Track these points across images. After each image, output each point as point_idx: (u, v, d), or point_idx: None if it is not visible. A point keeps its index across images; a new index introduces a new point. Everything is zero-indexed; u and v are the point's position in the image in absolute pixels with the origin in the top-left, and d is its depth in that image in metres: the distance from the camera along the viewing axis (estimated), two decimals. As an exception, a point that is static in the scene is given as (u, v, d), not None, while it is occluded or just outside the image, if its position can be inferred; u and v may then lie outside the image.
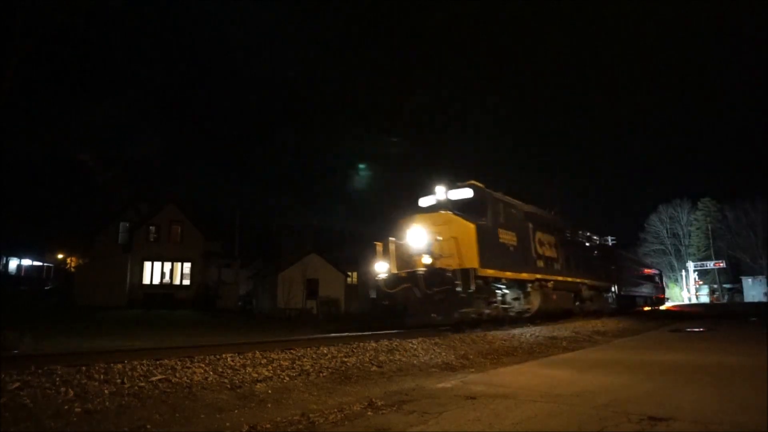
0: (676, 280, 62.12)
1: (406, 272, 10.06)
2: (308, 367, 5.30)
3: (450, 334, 8.88)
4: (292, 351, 6.00)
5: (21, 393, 3.54)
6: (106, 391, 3.79)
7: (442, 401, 3.82)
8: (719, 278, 59.13)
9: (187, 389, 4.11)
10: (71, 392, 3.67)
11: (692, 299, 56.71)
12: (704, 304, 47.62)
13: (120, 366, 4.44)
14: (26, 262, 45.48)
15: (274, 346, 6.25)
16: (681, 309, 32.88)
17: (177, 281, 31.08)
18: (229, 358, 5.21)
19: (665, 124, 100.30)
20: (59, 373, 4.05)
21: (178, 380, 4.29)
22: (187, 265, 31.16)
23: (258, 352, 5.70)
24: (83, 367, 4.26)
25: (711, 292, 59.16)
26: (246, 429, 3.15)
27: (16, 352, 6.32)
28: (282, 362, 5.37)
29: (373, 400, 3.88)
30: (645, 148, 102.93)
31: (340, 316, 26.71)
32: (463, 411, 3.46)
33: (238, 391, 4.24)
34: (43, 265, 45.89)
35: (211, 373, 4.60)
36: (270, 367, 5.09)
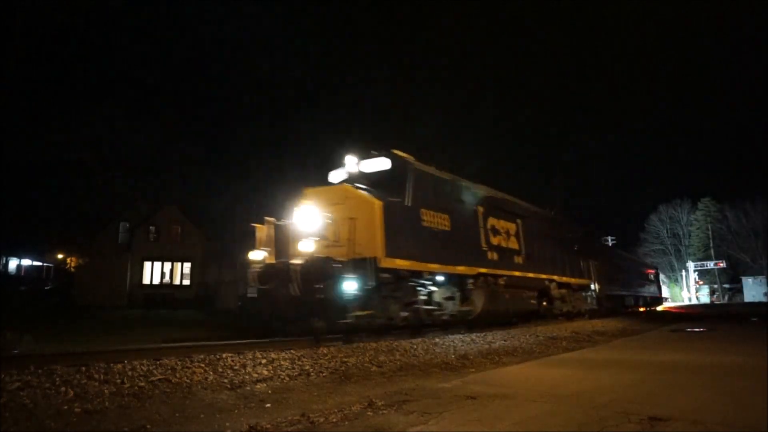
0: (676, 280, 62.16)
1: (282, 263, 7.82)
2: (308, 367, 5.30)
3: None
4: (292, 351, 6.01)
5: (21, 393, 3.55)
6: (106, 391, 3.79)
7: (442, 401, 3.82)
8: (719, 278, 59.17)
9: (187, 389, 4.11)
10: (71, 392, 3.67)
11: (692, 299, 56.71)
12: (704, 305, 46.81)
13: (120, 366, 4.45)
14: (26, 262, 45.46)
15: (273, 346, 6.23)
16: (679, 310, 31.74)
17: (177, 281, 31.09)
18: (229, 359, 5.21)
19: (665, 124, 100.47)
20: (59, 373, 4.06)
21: (178, 380, 4.29)
22: (187, 265, 31.18)
23: (258, 352, 5.70)
24: (83, 367, 4.27)
25: (711, 293, 59.13)
26: (246, 429, 3.15)
27: (16, 352, 6.32)
28: (282, 362, 5.37)
29: (373, 399, 3.88)
30: (645, 148, 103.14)
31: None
32: (463, 411, 3.46)
33: (238, 391, 4.24)
34: (43, 265, 45.85)
35: (211, 373, 4.61)
36: (270, 367, 5.10)
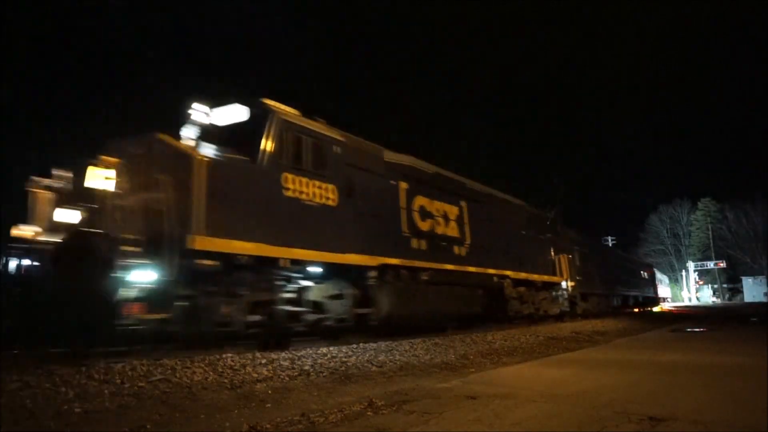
0: (676, 280, 62.16)
1: (42, 239, 5.82)
2: (308, 367, 5.30)
3: None
4: (292, 351, 6.01)
5: (21, 393, 3.55)
6: (106, 391, 3.79)
7: (442, 401, 3.82)
8: (719, 278, 59.19)
9: (187, 389, 4.11)
10: (71, 392, 3.67)
11: (692, 300, 56.65)
12: (705, 306, 43.57)
13: (120, 366, 4.45)
14: (26, 262, 45.41)
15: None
16: (676, 311, 29.82)
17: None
18: (229, 359, 5.21)
19: (665, 124, 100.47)
20: (59, 373, 4.05)
21: (178, 380, 4.29)
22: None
23: (258, 352, 5.71)
24: (83, 367, 4.26)
25: (713, 293, 58.99)
26: (246, 429, 3.14)
27: (15, 352, 6.31)
28: (282, 362, 5.37)
29: (373, 399, 3.87)
30: (645, 148, 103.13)
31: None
32: (463, 411, 3.46)
33: (238, 391, 4.24)
34: (43, 265, 45.79)
35: (211, 373, 4.61)
36: (270, 367, 5.09)
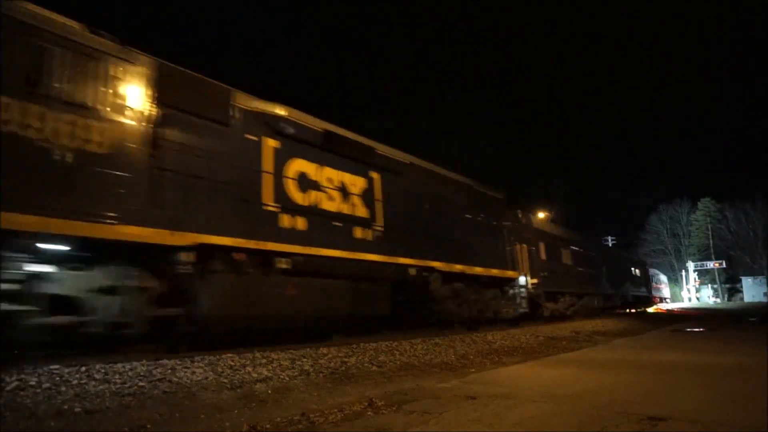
0: (676, 281, 62.14)
1: None
2: (308, 367, 5.30)
3: None
4: (292, 351, 6.01)
5: (21, 393, 3.55)
6: (106, 391, 3.79)
7: (442, 401, 3.82)
8: (719, 278, 59.18)
9: (187, 389, 4.11)
10: (71, 392, 3.67)
11: (692, 300, 56.61)
12: (705, 307, 41.46)
13: (120, 366, 4.45)
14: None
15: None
16: (674, 312, 27.94)
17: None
18: (229, 358, 5.21)
19: (665, 124, 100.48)
20: (59, 373, 4.06)
21: (178, 380, 4.29)
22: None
23: (258, 352, 5.71)
24: (83, 367, 4.26)
25: (713, 293, 58.93)
26: (246, 429, 3.15)
27: (15, 351, 6.30)
28: (282, 362, 5.37)
29: (373, 399, 3.88)
30: (645, 148, 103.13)
31: None
32: (463, 411, 3.46)
33: (238, 391, 4.24)
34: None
35: (211, 373, 4.61)
36: (270, 367, 5.09)
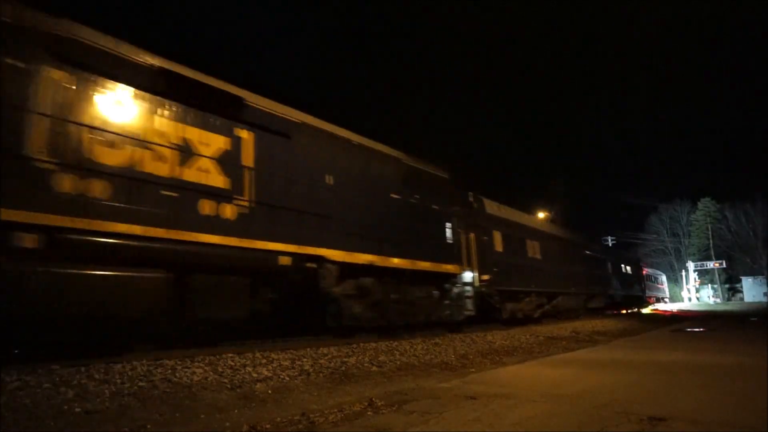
0: (676, 281, 62.14)
1: None
2: (308, 367, 5.30)
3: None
4: (292, 351, 6.01)
5: (21, 393, 3.55)
6: (106, 391, 3.79)
7: (442, 401, 3.82)
8: (719, 278, 59.20)
9: (187, 389, 4.11)
10: (71, 392, 3.67)
11: (692, 300, 56.60)
12: (704, 307, 41.05)
13: (120, 366, 4.45)
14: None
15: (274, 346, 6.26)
16: (671, 313, 26.52)
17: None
18: (229, 358, 5.21)
19: (665, 124, 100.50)
20: (59, 373, 4.06)
21: (178, 380, 4.29)
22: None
23: (258, 352, 5.71)
24: (83, 367, 4.27)
25: (713, 293, 58.95)
26: (246, 429, 3.14)
27: (16, 351, 6.30)
28: (282, 362, 5.37)
29: (373, 399, 3.88)
30: (645, 148, 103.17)
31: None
32: (463, 411, 3.46)
33: (238, 391, 4.24)
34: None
35: (211, 373, 4.61)
36: (270, 367, 5.09)
